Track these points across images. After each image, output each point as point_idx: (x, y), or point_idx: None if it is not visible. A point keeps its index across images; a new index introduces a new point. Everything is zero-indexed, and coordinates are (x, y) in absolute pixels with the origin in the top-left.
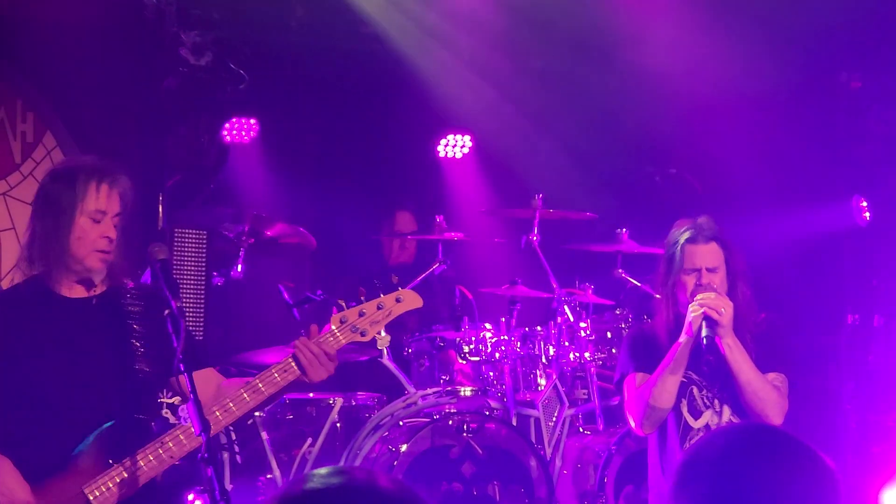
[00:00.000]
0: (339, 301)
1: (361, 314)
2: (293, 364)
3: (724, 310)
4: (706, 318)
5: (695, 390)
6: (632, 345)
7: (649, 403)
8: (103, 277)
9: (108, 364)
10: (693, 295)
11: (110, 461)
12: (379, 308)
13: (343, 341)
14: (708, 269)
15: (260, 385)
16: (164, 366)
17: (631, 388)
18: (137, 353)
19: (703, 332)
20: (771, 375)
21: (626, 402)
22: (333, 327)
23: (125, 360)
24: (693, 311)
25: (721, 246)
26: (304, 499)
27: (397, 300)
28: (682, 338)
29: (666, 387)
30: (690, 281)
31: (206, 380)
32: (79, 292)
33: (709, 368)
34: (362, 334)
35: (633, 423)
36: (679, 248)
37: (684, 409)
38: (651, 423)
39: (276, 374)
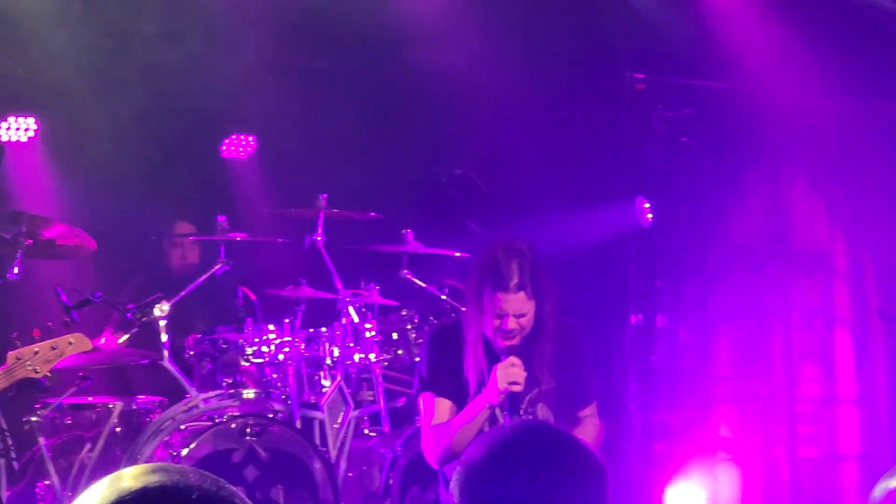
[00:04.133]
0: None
1: (36, 352)
2: None
3: None
4: (509, 394)
5: (497, 412)
6: (432, 352)
7: (447, 450)
8: None
9: None
10: (497, 335)
11: None
12: (53, 349)
13: (17, 377)
14: (515, 315)
15: None
16: None
17: (428, 414)
18: None
19: (505, 407)
20: (587, 410)
21: (422, 432)
22: (10, 363)
23: None
24: (500, 384)
25: (529, 295)
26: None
27: (69, 342)
28: (484, 404)
29: (464, 440)
30: (497, 322)
31: None
32: None
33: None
34: (35, 371)
35: (427, 457)
36: (487, 291)
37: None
38: (448, 462)
39: None
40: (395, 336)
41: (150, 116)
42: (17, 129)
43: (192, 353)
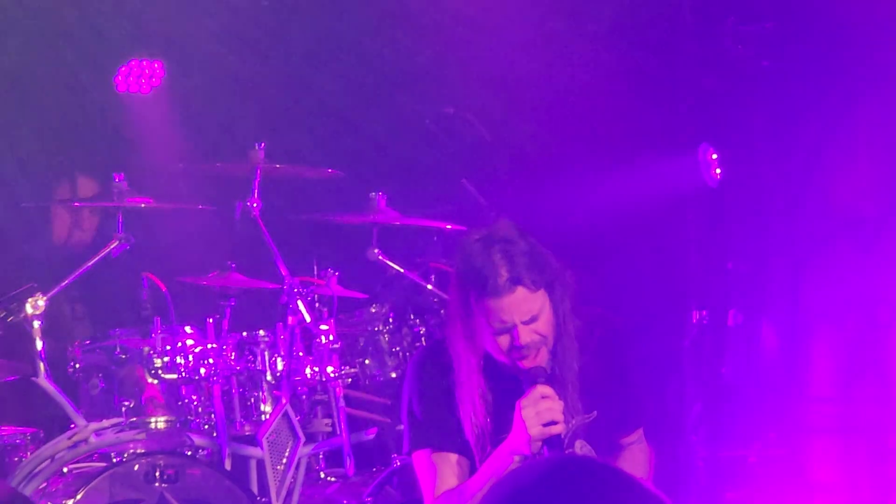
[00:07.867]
0: None
1: None
2: None
3: None
4: (548, 440)
5: None
6: (423, 388)
7: None
8: None
9: None
10: (513, 356)
11: None
12: None
13: None
14: (524, 322)
15: None
16: None
17: (429, 479)
18: None
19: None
20: (634, 435)
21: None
22: None
23: None
24: (530, 428)
25: (531, 287)
26: None
27: None
28: (511, 457)
29: None
30: (505, 340)
31: None
32: None
33: None
34: None
35: None
36: (474, 302)
37: None
38: None
39: None
40: (361, 342)
41: (15, 36)
42: None
43: (78, 366)
